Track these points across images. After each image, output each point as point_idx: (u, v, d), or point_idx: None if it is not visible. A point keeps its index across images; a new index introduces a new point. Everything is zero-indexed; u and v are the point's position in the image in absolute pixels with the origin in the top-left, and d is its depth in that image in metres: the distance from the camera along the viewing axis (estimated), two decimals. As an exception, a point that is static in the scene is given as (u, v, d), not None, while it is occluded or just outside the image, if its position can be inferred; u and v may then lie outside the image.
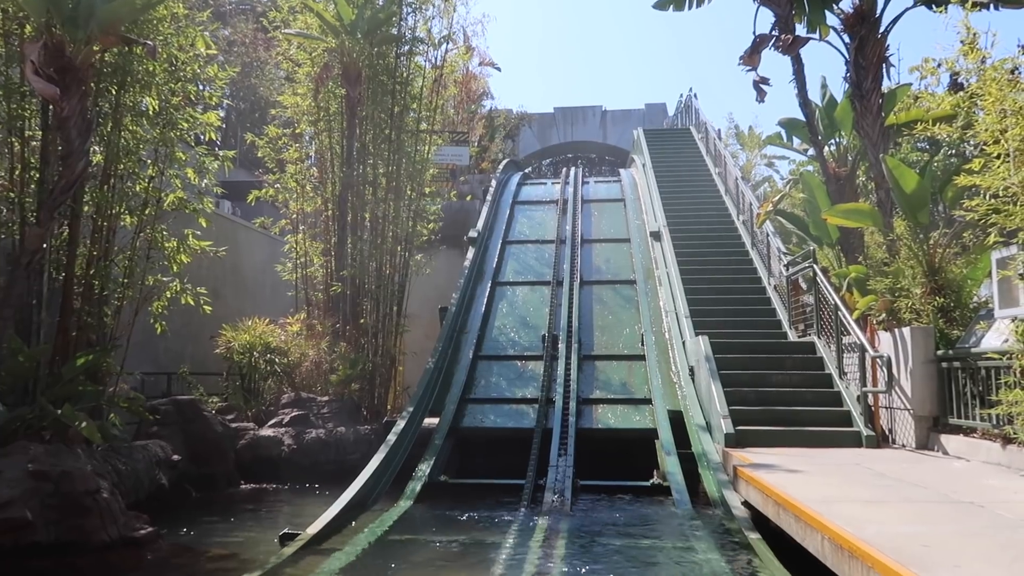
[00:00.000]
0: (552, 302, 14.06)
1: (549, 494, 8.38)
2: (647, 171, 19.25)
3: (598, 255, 16.37)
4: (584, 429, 10.47)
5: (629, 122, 36.27)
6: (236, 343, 12.26)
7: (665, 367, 11.91)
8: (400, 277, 14.41)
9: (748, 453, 7.82)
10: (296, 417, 11.35)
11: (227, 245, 16.90)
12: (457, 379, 11.91)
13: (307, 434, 11.08)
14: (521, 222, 18.36)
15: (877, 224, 9.34)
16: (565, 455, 9.60)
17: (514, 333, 13.57)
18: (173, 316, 14.75)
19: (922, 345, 8.19)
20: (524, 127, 35.59)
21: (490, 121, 26.54)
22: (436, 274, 17.28)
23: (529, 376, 12.18)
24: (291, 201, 14.63)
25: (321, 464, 10.81)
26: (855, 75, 10.29)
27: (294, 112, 14.58)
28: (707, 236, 15.47)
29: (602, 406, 11.13)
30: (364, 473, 8.50)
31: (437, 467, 9.66)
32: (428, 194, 16.20)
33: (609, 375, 12.05)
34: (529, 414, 11.03)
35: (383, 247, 14.00)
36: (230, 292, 16.22)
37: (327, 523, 6.87)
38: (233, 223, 16.64)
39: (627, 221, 17.80)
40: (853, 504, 5.06)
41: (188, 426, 9.87)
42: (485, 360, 12.75)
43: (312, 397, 11.86)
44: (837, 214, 9.48)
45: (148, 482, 8.23)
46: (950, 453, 7.61)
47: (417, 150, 14.90)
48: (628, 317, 13.75)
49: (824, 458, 7.51)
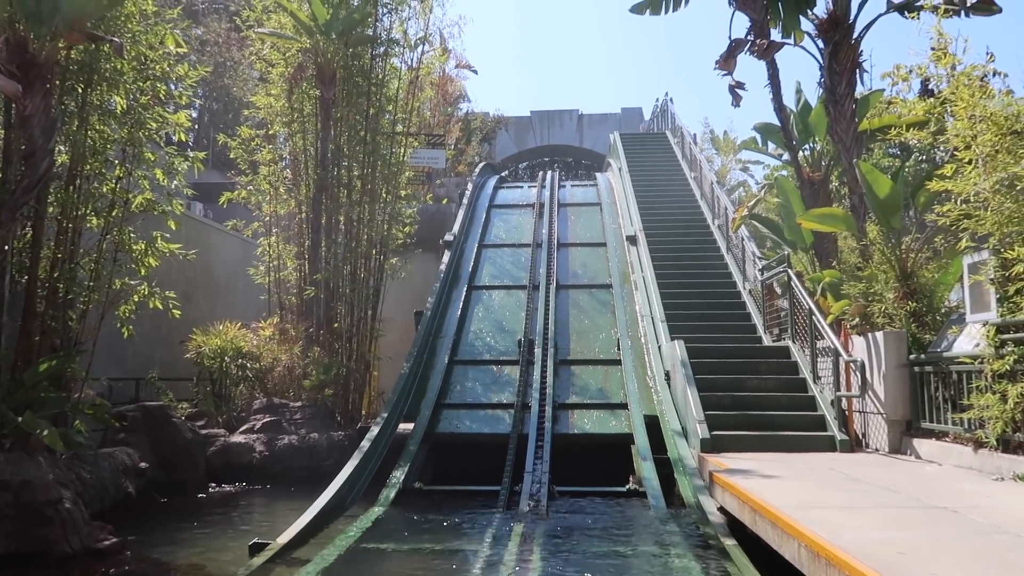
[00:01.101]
0: (528, 306, 14.01)
1: (525, 500, 8.30)
2: (623, 175, 19.29)
3: (574, 259, 16.35)
4: (560, 434, 10.42)
5: (606, 126, 36.42)
6: (207, 347, 12.05)
7: (641, 372, 11.90)
8: (375, 281, 14.26)
9: (724, 458, 7.80)
10: (268, 423, 11.18)
11: (198, 248, 16.71)
12: (432, 384, 11.80)
13: (279, 440, 10.92)
14: (497, 226, 18.30)
15: (851, 229, 9.41)
16: (541, 460, 9.54)
17: (490, 337, 13.49)
18: (142, 320, 14.49)
19: (895, 349, 8.24)
20: (501, 130, 35.56)
21: (466, 124, 26.46)
22: (412, 278, 17.14)
23: (505, 381, 12.11)
24: (264, 203, 14.44)
25: (294, 471, 10.64)
26: (829, 80, 10.37)
27: (267, 113, 14.39)
28: (683, 241, 15.52)
29: (578, 411, 11.09)
30: (337, 480, 8.36)
31: (412, 473, 9.55)
32: (404, 197, 16.06)
33: (585, 380, 12.02)
34: (505, 419, 10.95)
35: (357, 250, 13.85)
36: (201, 295, 15.98)
37: (298, 532, 6.73)
38: (205, 225, 16.40)
39: (603, 225, 17.80)
40: (828, 510, 5.05)
41: (156, 432, 9.66)
42: (461, 365, 12.66)
43: (285, 403, 11.68)
44: (811, 218, 9.53)
45: (114, 490, 8.02)
46: (923, 457, 7.66)
47: (392, 152, 14.78)
48: (604, 321, 13.73)
49: (799, 463, 7.52)
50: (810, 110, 12.46)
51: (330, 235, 13.51)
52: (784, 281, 10.91)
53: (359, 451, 9.26)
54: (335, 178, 13.67)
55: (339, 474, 8.55)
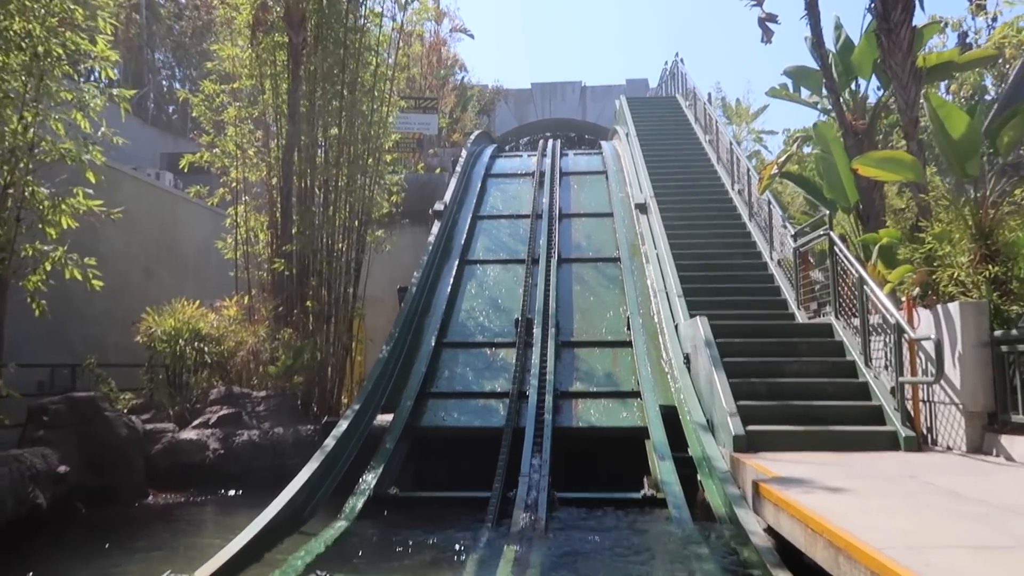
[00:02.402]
0: (527, 282, 12.48)
1: (519, 512, 6.81)
2: (631, 140, 17.66)
3: (578, 230, 14.79)
4: (562, 428, 8.94)
5: (610, 98, 34.59)
6: (159, 329, 10.54)
7: (655, 355, 10.37)
8: (356, 254, 12.72)
9: (766, 461, 6.28)
10: (226, 416, 9.68)
11: (163, 219, 15.22)
12: (416, 370, 10.30)
13: (238, 436, 9.43)
14: (494, 195, 16.72)
15: (918, 176, 7.80)
16: (540, 458, 8.06)
17: (484, 317, 11.97)
18: (95, 300, 12.95)
19: (974, 325, 6.69)
20: (500, 102, 33.87)
21: (462, 91, 24.75)
22: (401, 253, 15.62)
23: (500, 366, 10.61)
24: (232, 168, 12.86)
25: (254, 471, 9.16)
26: (881, 5, 8.70)
27: (232, 65, 12.77)
28: (699, 209, 13.94)
29: (583, 400, 9.58)
30: (290, 488, 6.86)
31: (387, 476, 8.06)
32: (389, 162, 14.45)
33: (591, 364, 10.50)
34: (499, 410, 9.46)
35: (335, 219, 12.29)
36: (166, 272, 14.47)
37: (226, 562, 5.24)
38: (172, 196, 14.83)
39: (610, 194, 16.22)
40: (956, 552, 3.46)
41: (84, 429, 8.16)
42: (450, 347, 11.15)
43: (247, 392, 10.19)
44: (870, 163, 7.92)
45: (14, 502, 6.55)
46: (1017, 459, 6.13)
47: (375, 110, 13.17)
48: (612, 298, 12.20)
49: (863, 467, 6.00)
50: (851, 49, 10.79)
51: (303, 201, 11.94)
52: (821, 248, 9.36)
53: (321, 451, 7.76)
54: (308, 137, 12.08)
55: (293, 481, 7.04)
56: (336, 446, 7.90)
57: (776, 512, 4.89)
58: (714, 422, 7.81)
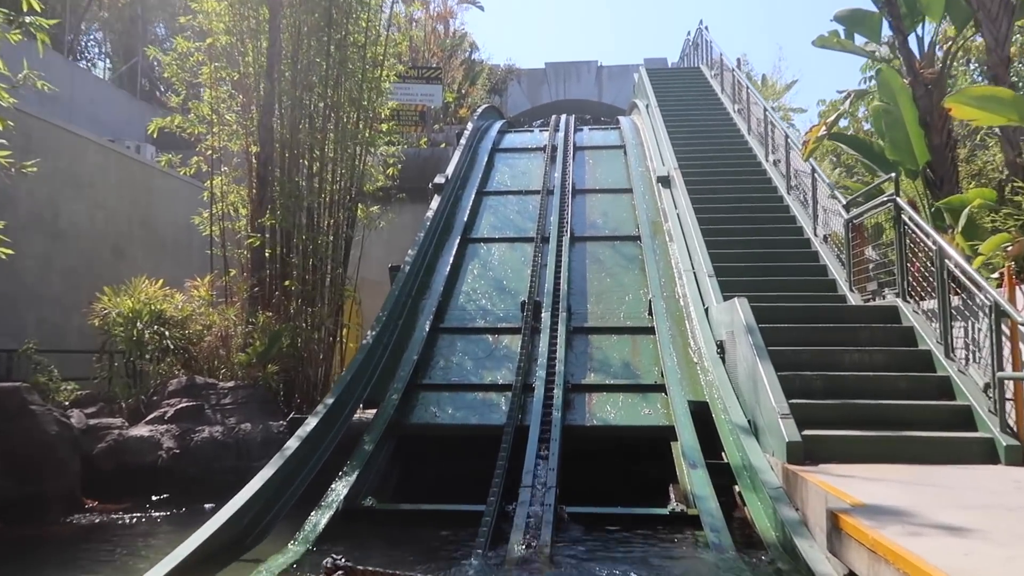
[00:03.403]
0: (535, 261, 11.11)
1: (518, 535, 5.48)
2: (652, 113, 16.19)
3: (593, 207, 13.38)
4: (573, 426, 7.63)
5: (627, 78, 33.05)
6: (114, 311, 9.27)
7: (681, 342, 8.99)
8: (346, 230, 11.41)
9: (835, 478, 4.89)
10: (185, 410, 8.40)
11: (137, 194, 13.92)
12: (407, 358, 8.98)
13: (197, 433, 8.15)
14: (501, 171, 15.33)
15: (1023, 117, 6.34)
16: (546, 463, 6.74)
17: (486, 299, 10.62)
18: (51, 279, 11.78)
19: (1096, 306, 5.26)
20: (512, 82, 32.40)
21: (470, 65, 23.29)
22: (401, 233, 14.33)
23: (503, 355, 9.27)
24: (209, 135, 11.55)
25: (216, 473, 7.86)
26: (966, -78, 7.23)
27: (208, 20, 11.44)
28: (729, 183, 12.47)
29: (598, 395, 8.23)
30: (231, 505, 5.54)
31: (363, 484, 6.76)
32: (385, 131, 13.09)
33: (607, 353, 9.13)
34: (500, 405, 8.15)
35: (321, 191, 10.98)
36: (139, 251, 13.21)
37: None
38: (148, 168, 13.53)
39: (628, 168, 14.78)
40: None
41: (7, 426, 6.91)
42: (448, 333, 9.83)
43: (212, 383, 8.90)
44: (968, 101, 6.46)
45: None
46: None
47: (367, 70, 11.81)
48: (631, 280, 10.81)
49: (964, 488, 4.60)
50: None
51: (285, 171, 10.63)
52: (876, 221, 7.94)
53: (280, 454, 6.43)
54: (290, 97, 10.75)
55: (240, 493, 5.72)
56: (300, 448, 6.58)
57: (873, 562, 3.49)
58: (758, 424, 6.43)
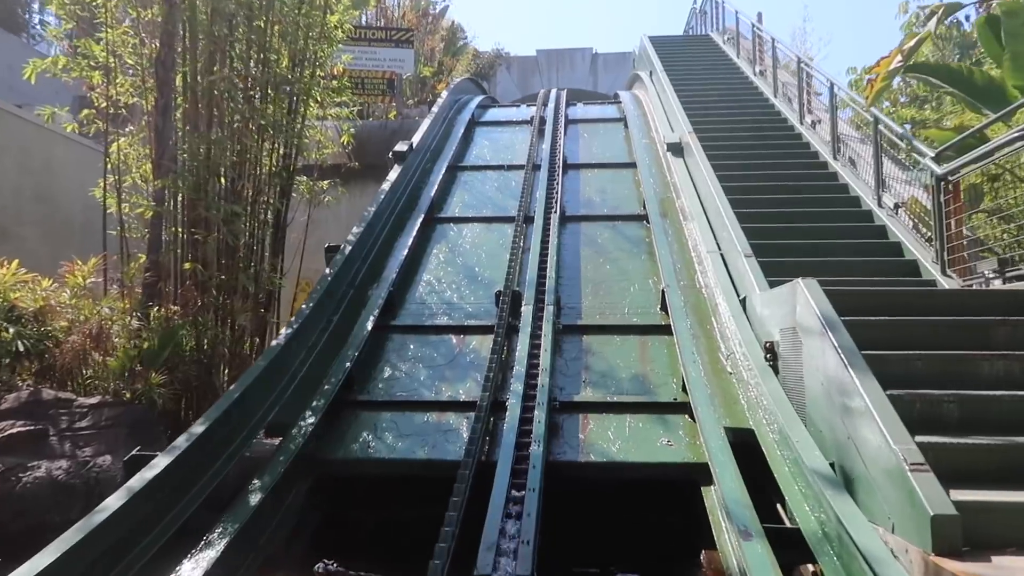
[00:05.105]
0: (515, 245, 8.79)
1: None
2: (658, 79, 13.90)
3: (589, 184, 11.07)
4: (561, 463, 5.33)
5: (624, 66, 30.91)
6: (-55, 301, 6.89)
7: (708, 345, 6.66)
8: (276, 203, 9.07)
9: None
10: (18, 436, 6.02)
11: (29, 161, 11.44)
12: (338, 366, 6.62)
13: (30, 472, 5.80)
14: (480, 145, 13.02)
15: None
16: (519, 523, 4.43)
17: (453, 291, 8.29)
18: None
19: None
20: (502, 69, 30.12)
21: (451, 34, 20.96)
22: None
23: (469, 361, 6.95)
24: (106, 83, 9.17)
25: (52, 529, 5.43)
26: None
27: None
28: (757, 148, 10.22)
29: (596, 417, 5.90)
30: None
31: (241, 553, 4.39)
32: (336, 90, 10.73)
33: (608, 359, 6.80)
34: (461, 432, 5.81)
35: (242, 155, 8.64)
36: (34, 232, 10.79)
37: None
38: (45, 132, 11.06)
39: (630, 141, 12.48)
40: None
41: None
42: (399, 332, 7.52)
43: (67, 398, 6.51)
44: None
45: None
46: None
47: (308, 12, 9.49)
48: (637, 267, 8.50)
49: None
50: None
51: (187, 123, 8.27)
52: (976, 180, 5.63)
53: (84, 522, 4.06)
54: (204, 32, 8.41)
55: None
56: (122, 509, 4.20)
57: None
58: (850, 472, 4.08)
